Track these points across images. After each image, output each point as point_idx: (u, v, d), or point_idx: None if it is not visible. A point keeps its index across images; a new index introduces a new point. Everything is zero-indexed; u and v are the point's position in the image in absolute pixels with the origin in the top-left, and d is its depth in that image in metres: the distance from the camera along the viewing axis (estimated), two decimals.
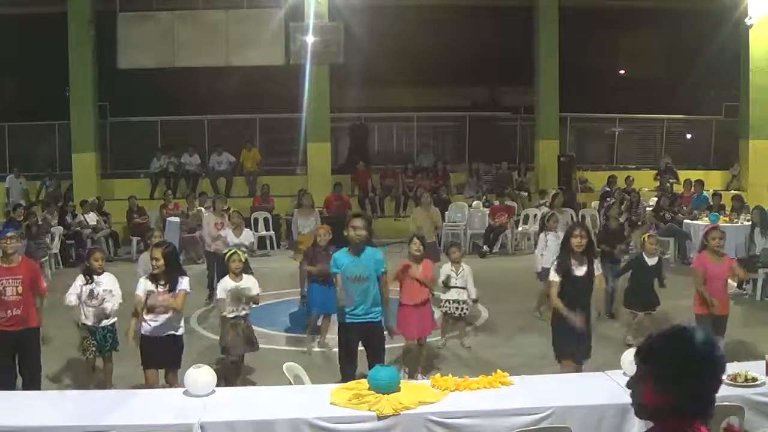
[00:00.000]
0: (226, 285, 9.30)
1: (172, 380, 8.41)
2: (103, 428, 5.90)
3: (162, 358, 8.42)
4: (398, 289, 9.93)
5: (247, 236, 13.31)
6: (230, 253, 9.61)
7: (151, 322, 8.33)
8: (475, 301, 11.63)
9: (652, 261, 11.60)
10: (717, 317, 9.52)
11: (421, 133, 26.91)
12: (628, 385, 3.02)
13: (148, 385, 8.39)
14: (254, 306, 9.55)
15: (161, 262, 8.35)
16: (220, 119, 25.32)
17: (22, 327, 8.42)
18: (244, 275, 9.40)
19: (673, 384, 2.87)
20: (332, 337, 10.06)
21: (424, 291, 9.88)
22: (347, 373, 8.21)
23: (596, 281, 8.41)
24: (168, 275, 8.36)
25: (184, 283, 8.41)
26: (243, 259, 9.50)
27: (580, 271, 8.22)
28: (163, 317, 8.31)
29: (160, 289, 8.32)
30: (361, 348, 8.58)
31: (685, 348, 2.86)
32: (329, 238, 11.59)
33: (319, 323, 11.44)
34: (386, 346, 8.75)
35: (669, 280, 10.52)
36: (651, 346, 2.97)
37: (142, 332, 8.43)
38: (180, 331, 8.50)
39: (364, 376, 6.80)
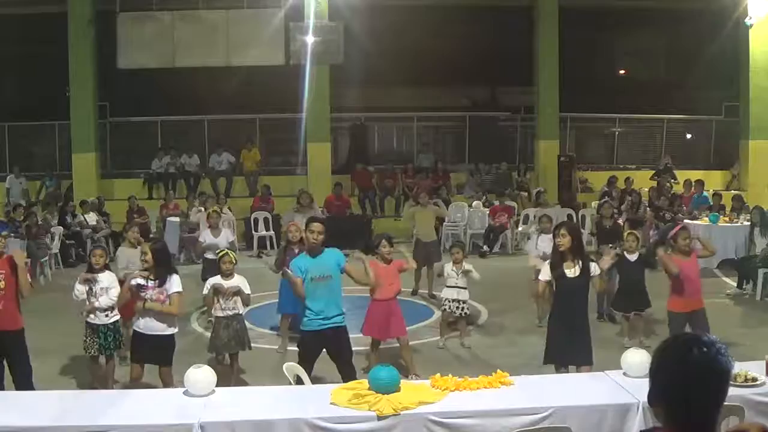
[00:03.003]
0: (213, 283, 9.39)
1: (165, 377, 8.48)
2: (102, 428, 5.90)
3: (152, 355, 8.49)
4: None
5: (226, 236, 13.28)
6: (222, 254, 9.68)
7: (142, 319, 8.39)
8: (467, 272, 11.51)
9: (632, 258, 11.63)
10: (695, 313, 9.50)
11: (421, 133, 26.95)
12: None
13: (132, 378, 8.52)
14: (245, 307, 9.60)
15: (149, 256, 8.40)
16: (220, 119, 25.34)
17: (5, 327, 8.33)
18: (235, 275, 9.47)
19: (658, 391, 2.89)
20: None
21: (394, 287, 9.91)
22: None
23: (595, 281, 8.33)
24: (157, 271, 8.40)
25: (175, 285, 8.42)
26: (234, 261, 9.55)
27: (572, 272, 8.14)
28: (154, 315, 8.35)
29: (150, 284, 8.34)
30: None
31: (672, 364, 2.86)
32: (300, 236, 11.60)
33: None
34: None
35: (667, 280, 10.43)
36: (657, 349, 2.98)
37: (134, 328, 8.51)
38: (171, 330, 8.50)
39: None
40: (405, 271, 10.34)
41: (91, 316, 9.15)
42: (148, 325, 8.38)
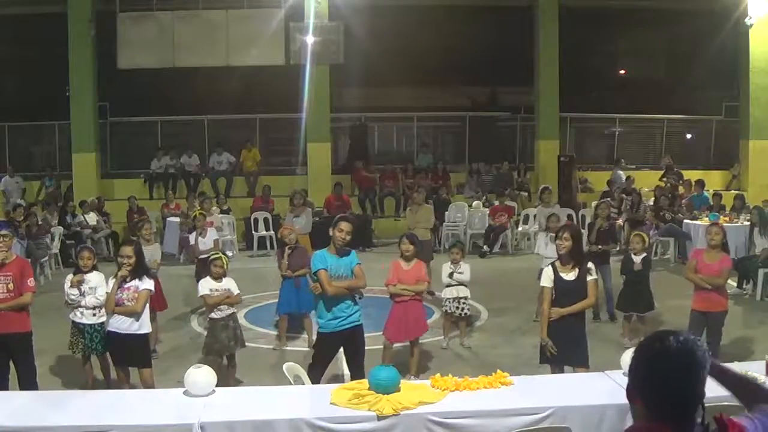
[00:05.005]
0: (207, 285, 9.47)
1: (146, 379, 8.47)
2: (103, 428, 5.89)
3: (128, 356, 8.51)
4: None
5: (211, 237, 13.38)
6: (215, 257, 9.78)
7: (113, 321, 8.41)
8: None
9: (638, 259, 11.56)
10: (712, 314, 9.52)
11: (421, 133, 26.94)
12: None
13: (119, 380, 8.59)
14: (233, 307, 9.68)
15: (134, 259, 8.46)
16: (220, 119, 25.35)
17: (12, 329, 8.33)
18: (224, 278, 9.56)
19: (636, 385, 2.90)
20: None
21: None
22: (315, 379, 8.00)
23: (590, 289, 8.10)
24: (135, 273, 8.45)
25: (145, 283, 8.47)
26: (224, 265, 9.60)
27: (570, 275, 8.10)
28: (123, 316, 8.37)
29: (127, 285, 8.37)
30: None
31: (651, 353, 2.88)
32: (295, 237, 11.64)
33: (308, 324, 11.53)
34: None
35: (668, 281, 10.44)
36: (637, 346, 3.01)
37: (108, 329, 8.53)
38: (143, 330, 8.48)
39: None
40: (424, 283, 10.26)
41: (78, 315, 9.16)
42: (119, 325, 8.37)
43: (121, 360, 8.57)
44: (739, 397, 3.46)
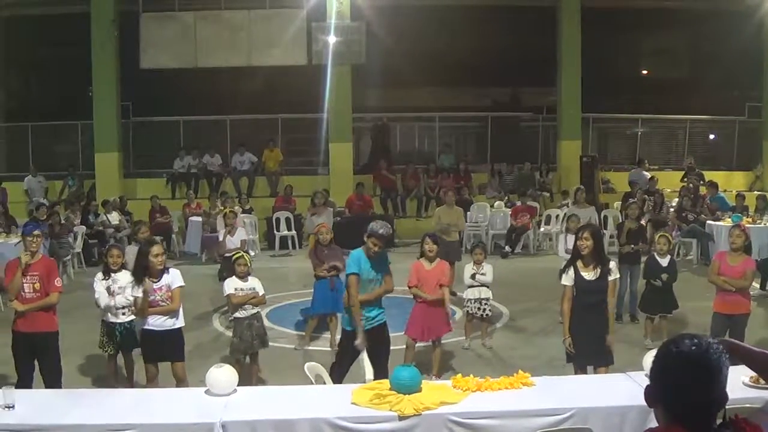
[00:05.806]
0: (233, 284, 9.46)
1: (179, 372, 8.53)
2: (124, 427, 5.90)
3: (163, 352, 8.54)
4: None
5: (239, 236, 13.41)
6: (237, 256, 9.74)
7: (148, 317, 8.45)
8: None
9: (663, 261, 11.52)
10: (735, 316, 9.46)
11: (442, 134, 26.90)
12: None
13: (149, 378, 8.58)
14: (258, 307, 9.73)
15: (164, 257, 8.58)
16: (242, 119, 25.43)
17: (39, 329, 8.39)
18: (249, 277, 9.57)
19: (653, 388, 2.90)
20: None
21: (437, 289, 9.83)
22: (338, 378, 8.07)
23: (609, 289, 8.08)
24: (160, 271, 8.51)
25: (177, 279, 8.54)
26: (248, 263, 9.62)
27: (591, 275, 8.06)
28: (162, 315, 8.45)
29: (155, 286, 8.41)
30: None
31: (667, 357, 2.88)
32: (330, 236, 11.58)
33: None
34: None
35: (691, 282, 10.36)
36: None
37: (143, 327, 8.57)
38: (178, 325, 8.56)
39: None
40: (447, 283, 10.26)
41: (108, 314, 9.19)
42: (155, 322, 8.43)
43: (154, 356, 8.57)
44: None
